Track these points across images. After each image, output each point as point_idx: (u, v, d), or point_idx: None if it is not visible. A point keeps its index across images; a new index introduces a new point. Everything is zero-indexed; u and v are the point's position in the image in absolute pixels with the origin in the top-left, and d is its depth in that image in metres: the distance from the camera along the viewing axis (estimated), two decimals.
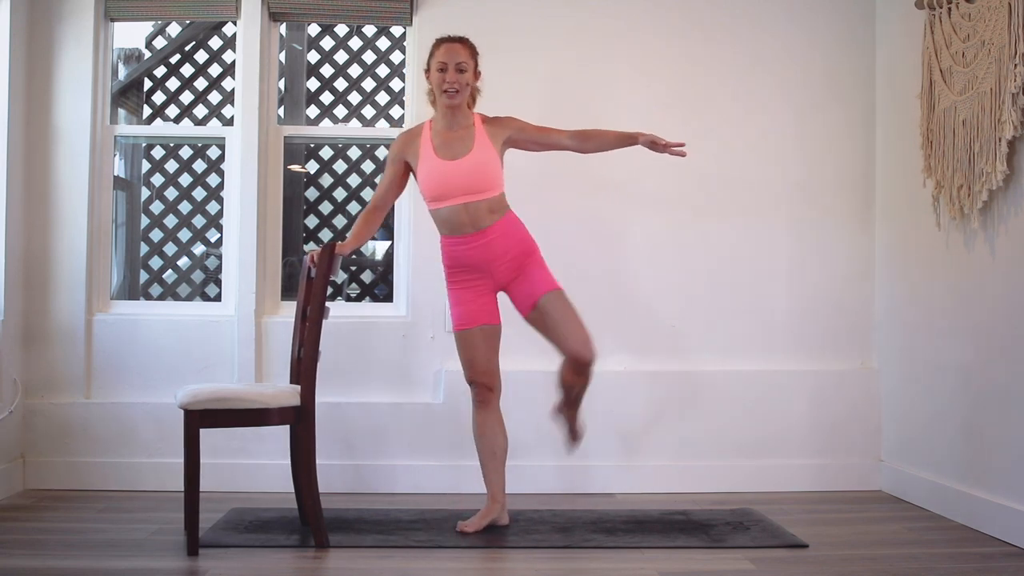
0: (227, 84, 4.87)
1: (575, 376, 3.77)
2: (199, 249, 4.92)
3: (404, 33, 4.82)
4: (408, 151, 3.76)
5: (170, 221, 4.86)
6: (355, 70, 4.91)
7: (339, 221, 4.99)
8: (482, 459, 3.83)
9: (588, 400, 4.56)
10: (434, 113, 3.80)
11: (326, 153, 5.04)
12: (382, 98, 4.93)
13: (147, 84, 4.97)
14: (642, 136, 3.74)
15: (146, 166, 4.99)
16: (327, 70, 4.91)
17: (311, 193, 5.03)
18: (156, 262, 4.86)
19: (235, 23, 4.70)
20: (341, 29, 4.91)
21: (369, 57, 4.92)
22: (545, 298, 3.70)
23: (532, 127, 3.80)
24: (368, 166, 4.99)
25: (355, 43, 4.93)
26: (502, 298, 3.82)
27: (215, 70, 4.90)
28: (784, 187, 4.73)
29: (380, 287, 5.07)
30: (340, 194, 5.00)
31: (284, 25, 4.83)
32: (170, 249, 4.86)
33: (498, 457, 3.81)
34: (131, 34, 4.97)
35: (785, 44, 4.74)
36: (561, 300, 3.72)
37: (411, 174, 3.83)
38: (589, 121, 4.63)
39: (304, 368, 3.57)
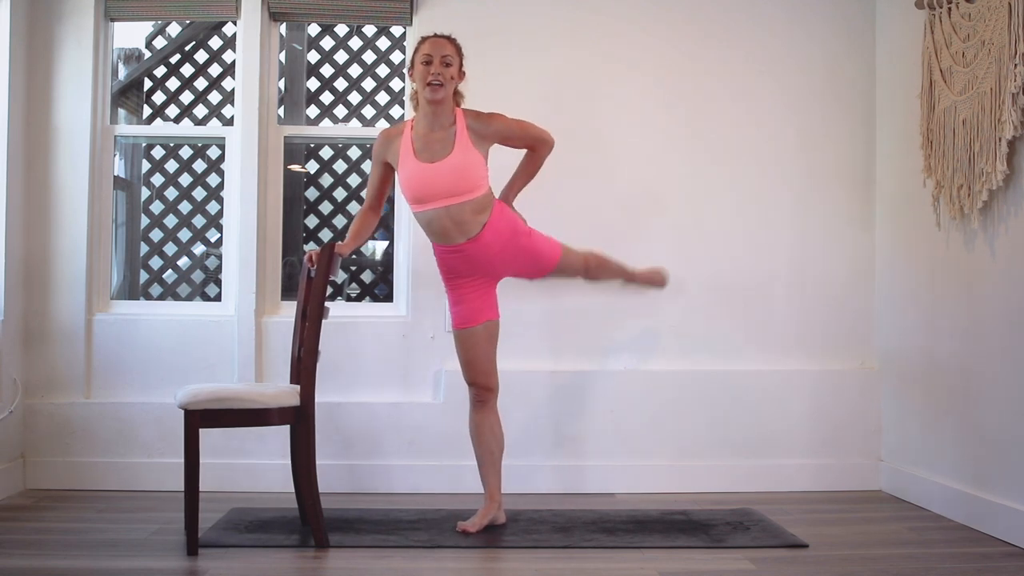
0: (227, 84, 4.87)
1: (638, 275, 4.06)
2: (199, 249, 4.92)
3: (404, 33, 4.82)
4: (388, 151, 3.70)
5: (170, 221, 4.86)
6: (355, 70, 4.91)
7: (339, 221, 4.99)
8: (479, 459, 3.83)
9: (588, 399, 4.59)
10: (415, 113, 3.72)
11: (326, 153, 5.04)
12: (382, 98, 4.93)
13: (147, 84, 4.96)
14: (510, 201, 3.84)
15: (146, 166, 4.99)
16: (327, 70, 4.91)
17: (311, 193, 5.03)
18: (156, 262, 4.86)
19: (235, 23, 4.70)
20: (341, 29, 4.91)
21: (369, 57, 4.92)
22: (562, 260, 3.81)
23: (516, 134, 3.70)
24: (368, 166, 4.99)
25: (355, 43, 4.93)
26: (501, 300, 3.82)
27: (215, 70, 4.90)
28: (784, 186, 4.73)
29: (380, 287, 5.07)
30: (340, 194, 5.00)
31: (284, 25, 4.83)
32: (170, 249, 4.86)
33: (496, 456, 3.81)
34: (131, 34, 4.97)
35: (785, 44, 4.74)
36: (574, 251, 3.85)
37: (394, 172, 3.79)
38: (589, 121, 4.66)
39: (304, 368, 3.57)
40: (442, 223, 3.61)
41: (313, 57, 4.93)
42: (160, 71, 4.92)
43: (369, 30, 4.93)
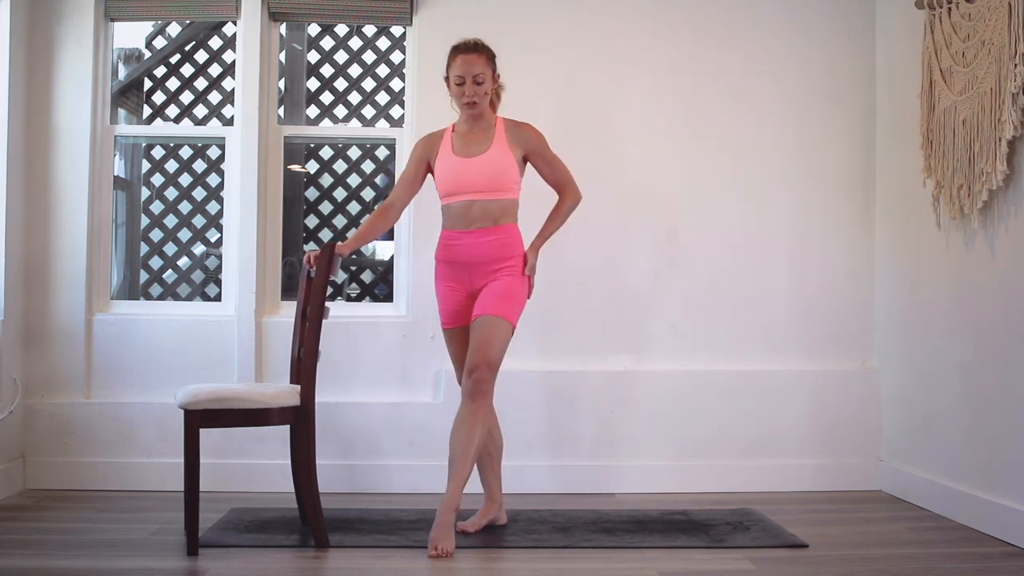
0: (227, 84, 4.87)
1: (467, 398, 3.57)
2: (199, 249, 4.92)
3: (404, 33, 4.82)
4: (431, 151, 3.79)
5: (170, 221, 4.86)
6: (355, 70, 4.91)
7: (339, 221, 4.99)
8: (478, 460, 3.82)
9: (588, 399, 4.58)
10: (458, 117, 3.82)
11: (326, 153, 5.04)
12: (382, 98, 4.93)
13: (147, 84, 4.97)
14: (531, 260, 3.72)
15: (146, 166, 4.99)
16: (327, 70, 4.91)
17: (311, 193, 5.03)
18: (156, 262, 4.86)
19: (235, 23, 4.70)
20: (341, 29, 4.91)
21: (369, 57, 4.92)
22: (485, 317, 3.59)
23: (546, 158, 3.78)
24: (368, 166, 4.99)
25: (355, 43, 4.93)
26: None
27: (215, 70, 4.90)
28: (784, 187, 4.73)
29: (380, 287, 5.07)
30: (340, 194, 5.00)
31: (284, 25, 4.83)
32: (170, 249, 4.86)
33: (494, 457, 3.82)
34: (131, 34, 4.97)
35: (785, 44, 4.74)
36: (499, 326, 3.58)
37: (428, 175, 3.84)
38: (589, 121, 4.65)
39: (304, 368, 3.57)
40: (467, 212, 3.68)
41: (313, 57, 4.94)
42: (160, 71, 4.92)
43: (369, 30, 4.93)
